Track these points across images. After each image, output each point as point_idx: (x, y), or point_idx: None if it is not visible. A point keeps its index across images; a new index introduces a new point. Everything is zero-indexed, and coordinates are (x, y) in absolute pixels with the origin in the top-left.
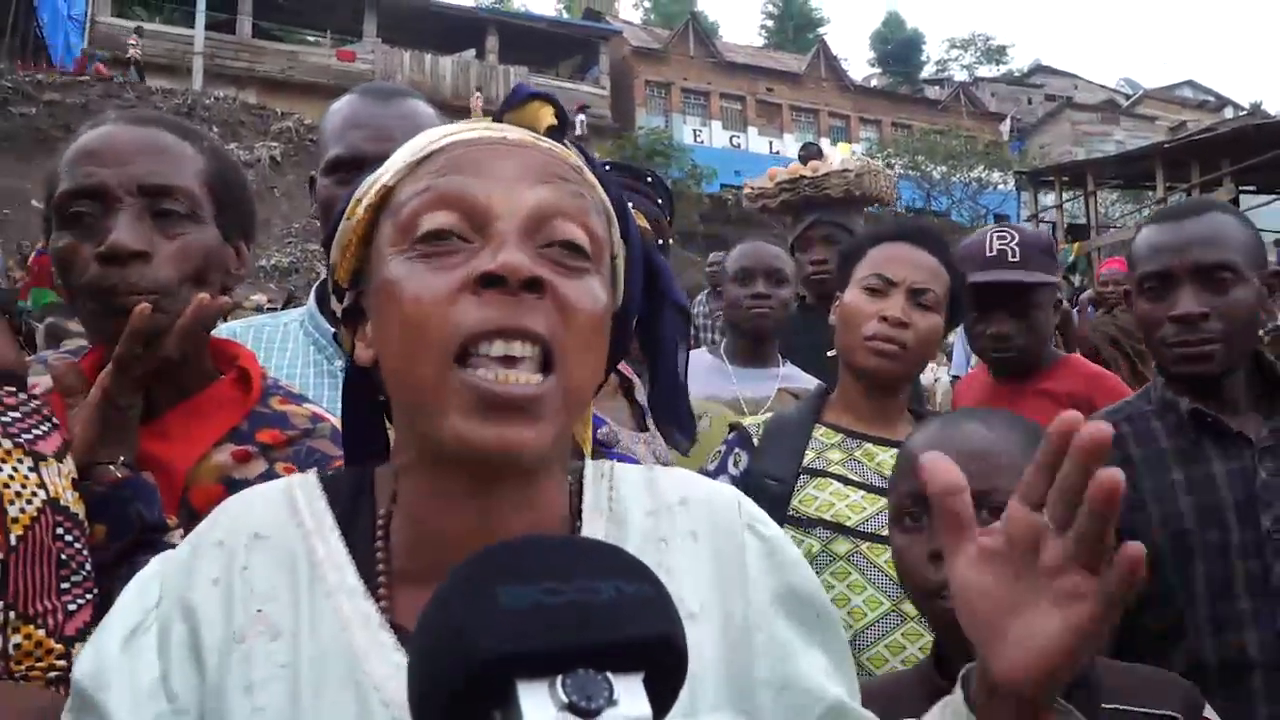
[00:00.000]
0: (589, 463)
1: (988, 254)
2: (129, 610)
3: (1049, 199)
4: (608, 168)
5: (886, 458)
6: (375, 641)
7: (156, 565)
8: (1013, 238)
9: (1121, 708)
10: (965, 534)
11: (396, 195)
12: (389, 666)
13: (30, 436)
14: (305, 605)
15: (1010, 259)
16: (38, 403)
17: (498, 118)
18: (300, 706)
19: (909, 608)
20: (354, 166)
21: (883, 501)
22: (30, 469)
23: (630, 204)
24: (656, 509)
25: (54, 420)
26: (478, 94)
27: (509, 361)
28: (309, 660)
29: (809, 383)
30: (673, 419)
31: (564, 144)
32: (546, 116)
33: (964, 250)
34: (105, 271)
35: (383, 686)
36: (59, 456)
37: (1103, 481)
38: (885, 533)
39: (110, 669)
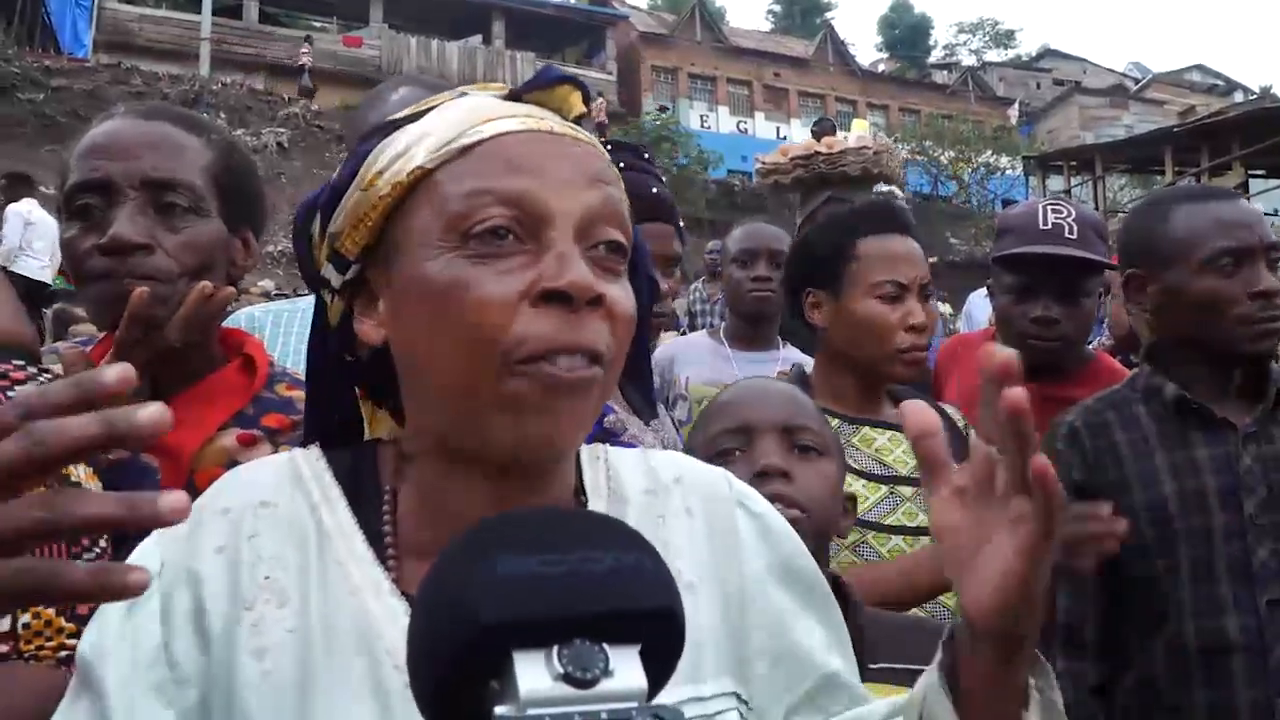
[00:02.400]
0: (584, 446)
1: (1042, 226)
2: None
3: (1057, 184)
4: (609, 148)
5: (884, 441)
6: (387, 608)
7: (155, 537)
8: (1069, 213)
9: (890, 666)
10: (941, 475)
11: (439, 183)
12: (401, 632)
13: None
14: (314, 572)
15: (1068, 235)
16: (47, 378)
17: (518, 96)
18: (311, 671)
19: None
20: None
21: (884, 489)
22: None
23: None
24: (653, 488)
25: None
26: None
27: (565, 367)
28: (319, 626)
29: (810, 364)
30: (640, 388)
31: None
32: (577, 104)
33: (1010, 221)
34: (107, 262)
35: (395, 651)
36: None
37: (1005, 398)
38: (888, 521)
39: (110, 639)
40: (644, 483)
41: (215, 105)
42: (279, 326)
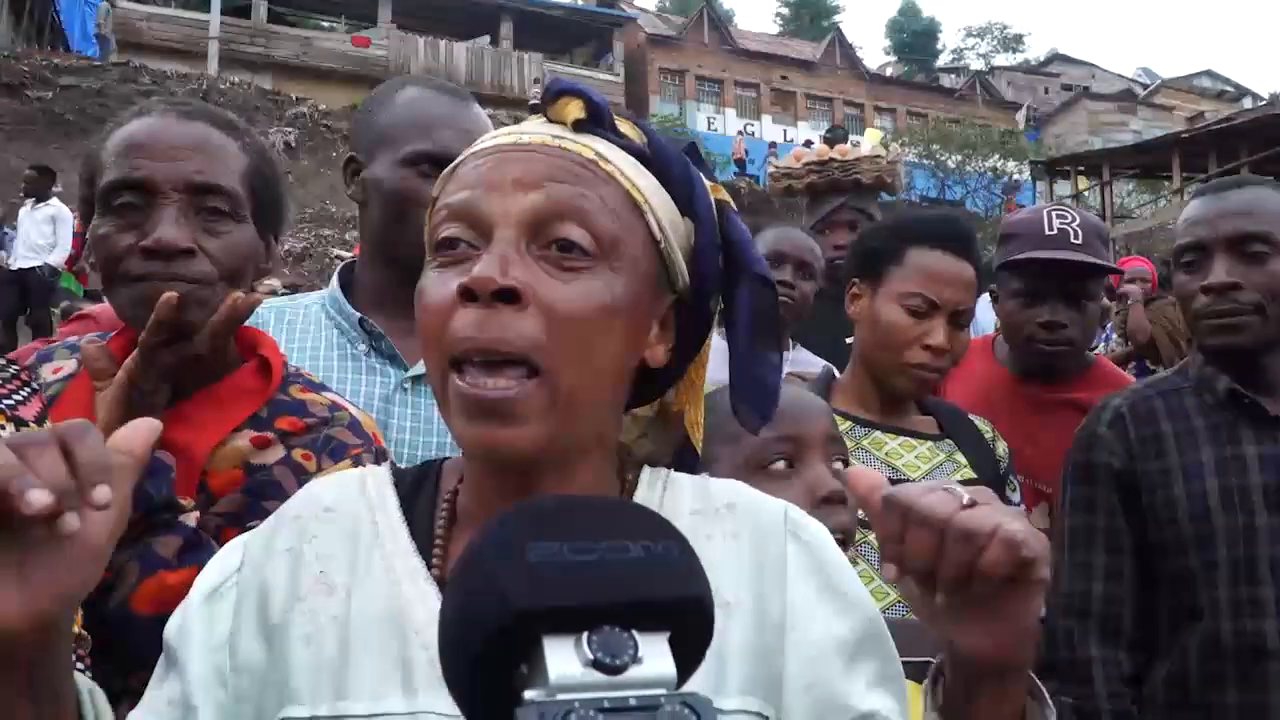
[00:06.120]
0: (646, 469)
1: (1047, 232)
2: (213, 573)
3: (1065, 189)
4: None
5: (895, 445)
6: (420, 592)
7: (244, 537)
8: (1074, 218)
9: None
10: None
11: (435, 205)
12: (430, 613)
13: (11, 403)
14: (361, 564)
15: (1073, 240)
16: (16, 368)
17: (547, 117)
18: (348, 652)
19: None
20: (442, 165)
21: None
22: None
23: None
24: (702, 510)
25: (33, 385)
26: (535, 84)
27: (491, 368)
28: (359, 611)
29: (817, 366)
30: (745, 395)
31: (604, 131)
32: (573, 110)
33: (1014, 227)
34: (148, 264)
35: (423, 631)
36: (39, 421)
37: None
38: None
39: (191, 623)
40: (695, 504)
41: (223, 105)
42: (281, 323)
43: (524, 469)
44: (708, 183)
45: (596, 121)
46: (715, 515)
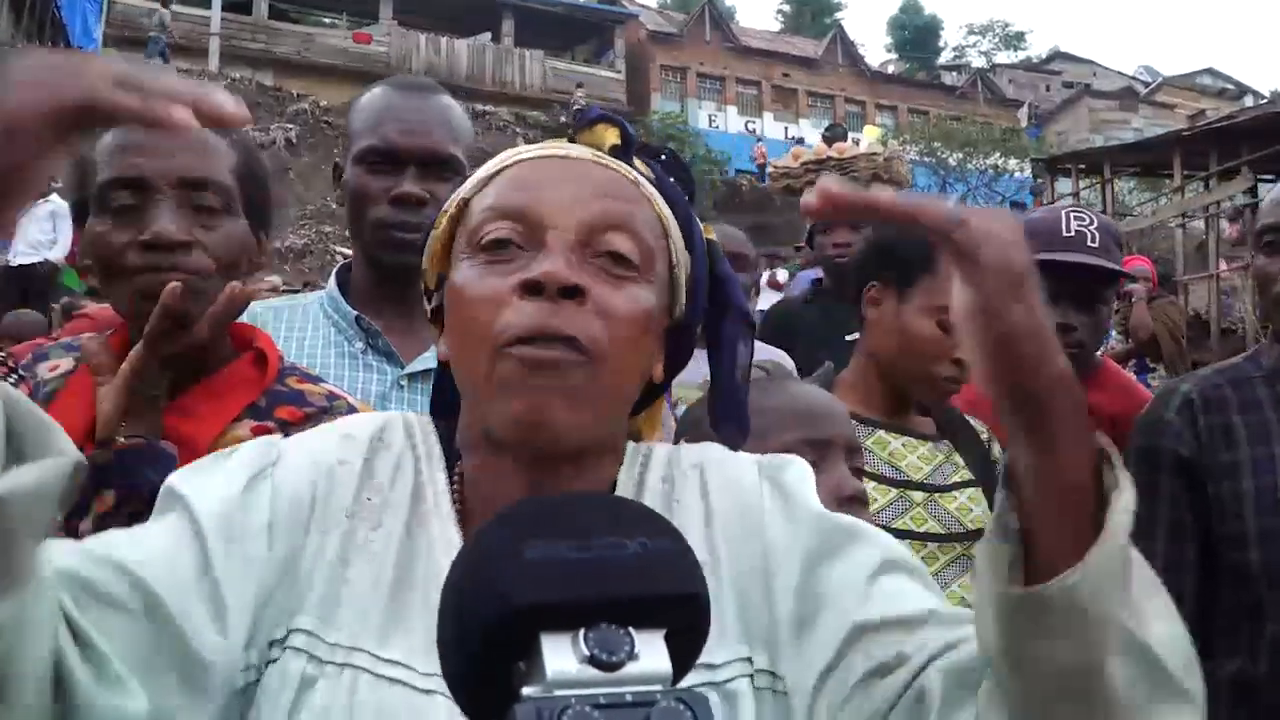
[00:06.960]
0: (630, 445)
1: (1065, 234)
2: (250, 460)
3: (1066, 186)
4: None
5: (899, 446)
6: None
7: (275, 438)
8: (1091, 220)
9: None
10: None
11: (470, 208)
12: None
13: None
14: (408, 516)
15: (1090, 243)
16: (3, 354)
17: (571, 138)
18: (378, 594)
19: None
20: (387, 158)
21: (894, 493)
22: None
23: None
24: (671, 475)
25: (20, 373)
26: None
27: (550, 345)
28: (396, 562)
29: (778, 357)
30: (730, 418)
31: (628, 161)
32: (610, 136)
33: (1031, 227)
34: (148, 258)
35: None
36: None
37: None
38: (897, 525)
39: (227, 500)
40: (664, 472)
41: None
42: (280, 322)
43: (550, 452)
44: (701, 223)
45: (627, 150)
46: (683, 478)
